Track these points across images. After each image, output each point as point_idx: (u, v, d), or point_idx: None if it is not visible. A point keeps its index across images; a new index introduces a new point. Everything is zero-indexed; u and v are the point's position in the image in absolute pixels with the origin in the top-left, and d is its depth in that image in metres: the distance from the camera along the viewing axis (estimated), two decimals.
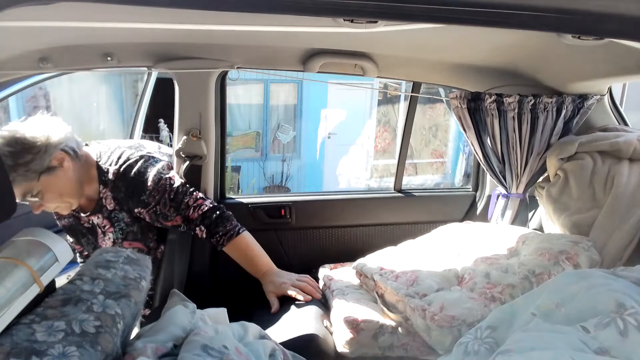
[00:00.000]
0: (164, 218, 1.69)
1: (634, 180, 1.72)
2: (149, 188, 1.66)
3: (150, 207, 1.67)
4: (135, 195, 1.66)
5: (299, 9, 0.79)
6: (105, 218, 1.71)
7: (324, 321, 1.63)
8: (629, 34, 0.88)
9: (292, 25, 1.52)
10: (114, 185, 1.65)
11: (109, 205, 1.68)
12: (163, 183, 1.68)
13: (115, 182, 1.64)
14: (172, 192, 1.69)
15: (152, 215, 1.68)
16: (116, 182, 1.64)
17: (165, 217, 1.69)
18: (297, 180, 8.53)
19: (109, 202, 1.68)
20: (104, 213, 1.70)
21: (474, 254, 1.80)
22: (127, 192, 1.65)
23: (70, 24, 1.40)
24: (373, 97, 8.73)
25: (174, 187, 1.71)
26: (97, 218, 1.72)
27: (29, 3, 0.72)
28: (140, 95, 3.01)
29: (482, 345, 1.06)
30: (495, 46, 1.83)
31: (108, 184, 1.65)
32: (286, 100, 8.38)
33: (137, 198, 1.66)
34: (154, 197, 1.66)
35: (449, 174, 8.97)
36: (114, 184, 1.64)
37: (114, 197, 1.67)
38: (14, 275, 0.88)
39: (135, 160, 1.68)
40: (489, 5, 0.74)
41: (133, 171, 1.65)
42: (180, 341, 1.04)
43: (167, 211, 1.69)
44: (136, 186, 1.65)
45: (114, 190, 1.65)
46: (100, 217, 1.71)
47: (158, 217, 1.69)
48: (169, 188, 1.69)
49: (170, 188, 1.70)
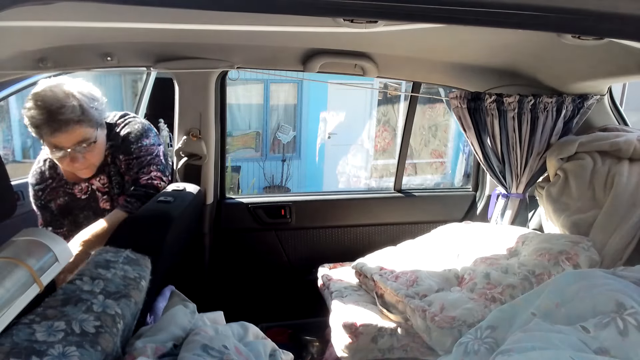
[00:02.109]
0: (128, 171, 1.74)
1: (634, 180, 1.72)
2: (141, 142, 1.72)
3: (131, 157, 1.71)
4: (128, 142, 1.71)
5: (299, 9, 0.79)
6: (107, 177, 1.74)
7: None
8: (629, 34, 0.88)
9: (292, 25, 1.52)
10: (115, 136, 1.70)
11: (109, 159, 1.73)
12: (152, 149, 1.75)
13: (118, 134, 1.71)
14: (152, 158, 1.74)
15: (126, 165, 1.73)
16: (119, 133, 1.71)
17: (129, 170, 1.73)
18: (297, 180, 8.52)
19: (110, 161, 1.73)
20: (106, 171, 1.74)
21: (473, 254, 1.80)
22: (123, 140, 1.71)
23: (70, 24, 1.40)
24: (373, 97, 8.73)
25: (158, 156, 1.77)
26: (99, 180, 1.74)
27: (29, 3, 0.72)
28: (139, 95, 3.01)
29: (482, 345, 1.06)
30: (495, 46, 1.83)
31: (112, 139, 1.70)
32: (286, 100, 8.37)
33: (128, 146, 1.71)
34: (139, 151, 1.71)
35: (448, 174, 8.97)
36: (116, 135, 1.70)
37: (111, 148, 1.71)
38: (14, 275, 0.88)
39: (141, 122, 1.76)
40: (489, 5, 0.74)
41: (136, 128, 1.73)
42: (180, 341, 1.04)
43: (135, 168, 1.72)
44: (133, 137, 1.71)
45: (113, 138, 1.71)
46: (102, 177, 1.74)
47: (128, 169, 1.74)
48: (155, 156, 1.75)
49: (155, 155, 1.75)
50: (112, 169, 1.74)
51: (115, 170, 1.74)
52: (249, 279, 2.32)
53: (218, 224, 2.20)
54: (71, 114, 1.47)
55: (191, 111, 1.97)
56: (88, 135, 1.55)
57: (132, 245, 1.29)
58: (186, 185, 1.90)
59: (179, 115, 1.99)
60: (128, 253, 1.21)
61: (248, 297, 2.31)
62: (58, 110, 1.45)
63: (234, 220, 2.24)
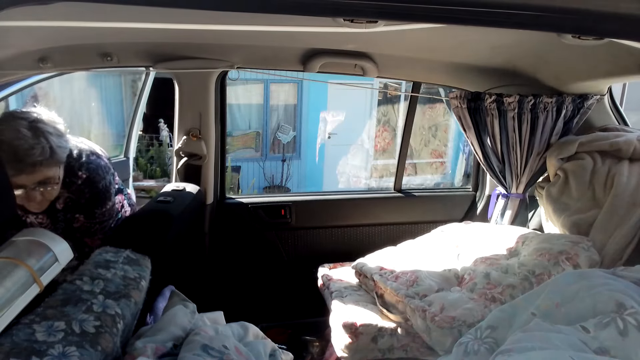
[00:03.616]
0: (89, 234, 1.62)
1: (634, 180, 1.72)
2: (107, 207, 1.61)
3: (91, 221, 1.60)
4: (92, 205, 1.59)
5: (299, 9, 0.79)
6: (48, 217, 1.59)
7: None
8: (629, 34, 0.88)
9: (292, 25, 1.52)
10: (77, 189, 1.55)
11: (59, 205, 1.57)
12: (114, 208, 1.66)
13: (79, 187, 1.55)
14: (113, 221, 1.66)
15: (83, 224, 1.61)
16: (81, 186, 1.55)
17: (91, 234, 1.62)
18: (297, 180, 8.52)
19: (60, 202, 1.57)
20: (49, 212, 1.57)
21: (473, 254, 1.80)
22: (87, 200, 1.57)
23: (70, 24, 1.40)
24: (373, 97, 8.72)
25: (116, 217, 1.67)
26: (37, 218, 1.58)
27: (29, 3, 0.72)
28: (138, 95, 3.01)
29: (482, 345, 1.06)
30: (495, 46, 1.83)
31: (70, 186, 1.55)
32: (286, 100, 8.37)
33: (91, 208, 1.59)
34: (102, 216, 1.61)
35: (448, 174, 8.97)
36: (78, 187, 1.55)
37: (70, 199, 1.57)
38: (14, 275, 0.88)
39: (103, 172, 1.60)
40: (489, 5, 0.74)
41: (101, 184, 1.58)
42: (180, 341, 1.04)
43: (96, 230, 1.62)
44: (98, 198, 1.58)
45: (74, 193, 1.56)
46: (42, 216, 1.58)
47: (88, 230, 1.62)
48: (115, 216, 1.66)
49: (115, 216, 1.66)
50: (60, 218, 1.59)
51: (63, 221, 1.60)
52: (249, 279, 2.32)
53: (218, 224, 2.20)
54: (39, 156, 1.33)
55: (191, 111, 1.97)
56: (51, 175, 1.42)
57: (132, 245, 1.29)
58: (186, 185, 1.90)
59: (178, 115, 1.99)
60: (128, 253, 1.21)
61: (248, 297, 2.31)
62: (26, 152, 1.30)
63: (234, 220, 2.24)
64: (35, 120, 1.37)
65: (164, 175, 6.64)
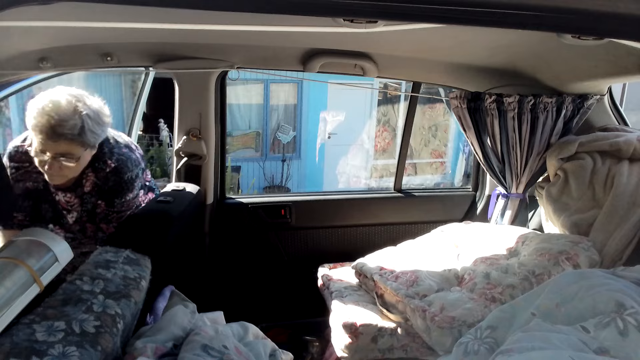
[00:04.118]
0: (106, 221, 1.74)
1: (634, 180, 1.72)
2: (127, 198, 1.72)
3: (112, 210, 1.72)
4: (113, 194, 1.70)
5: (299, 9, 0.79)
6: (76, 197, 1.73)
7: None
8: (629, 34, 0.88)
9: (292, 25, 1.52)
10: (104, 175, 1.69)
11: (87, 187, 1.70)
12: (134, 201, 1.76)
13: (107, 174, 1.68)
14: (130, 211, 1.76)
15: (103, 211, 1.74)
16: (108, 174, 1.68)
17: (108, 221, 1.74)
18: (297, 180, 8.52)
19: (87, 185, 1.70)
20: (77, 192, 1.72)
21: (473, 254, 1.80)
22: (110, 188, 1.70)
23: (70, 24, 1.40)
24: (373, 97, 8.73)
25: (136, 205, 1.78)
26: (66, 196, 1.73)
27: (29, 3, 0.72)
28: (138, 95, 3.01)
29: (482, 345, 1.06)
30: (495, 46, 1.83)
31: (99, 172, 1.68)
32: (286, 100, 8.37)
33: (112, 197, 1.70)
34: (120, 206, 1.72)
35: (448, 174, 8.97)
36: (105, 174, 1.68)
37: (96, 184, 1.70)
38: (14, 275, 0.88)
39: (132, 165, 1.72)
40: (489, 5, 0.74)
41: (127, 175, 1.70)
42: (180, 341, 1.04)
43: (113, 218, 1.74)
44: (120, 189, 1.70)
45: (101, 179, 1.69)
46: (70, 195, 1.72)
47: (106, 217, 1.74)
48: (134, 209, 1.76)
49: (134, 210, 1.77)
50: (87, 200, 1.73)
51: (90, 203, 1.73)
52: (249, 279, 2.32)
53: (218, 224, 2.20)
54: (68, 130, 1.47)
55: (191, 111, 1.97)
56: (73, 152, 1.54)
57: (132, 245, 1.29)
58: (186, 185, 1.91)
59: (178, 115, 1.99)
60: (128, 253, 1.21)
61: (248, 297, 2.31)
62: (58, 123, 1.46)
63: (234, 220, 2.24)
64: (79, 100, 1.52)
65: (164, 175, 6.64)
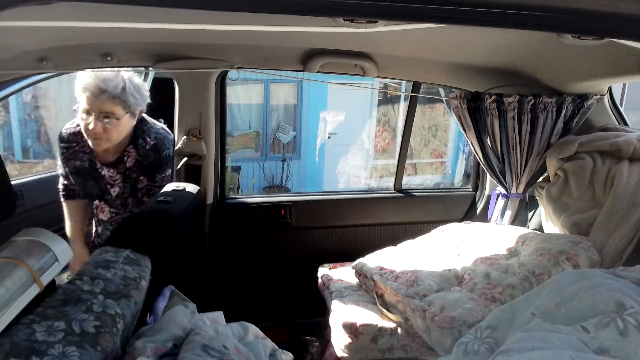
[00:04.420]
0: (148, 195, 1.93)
1: (634, 180, 1.72)
2: (166, 173, 1.92)
3: (152, 184, 1.91)
4: (154, 170, 1.89)
5: (299, 9, 0.79)
6: (119, 173, 1.90)
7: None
8: (629, 34, 0.88)
9: (292, 25, 1.52)
10: (144, 152, 1.87)
11: (129, 163, 1.88)
12: (168, 177, 1.95)
13: (147, 150, 1.87)
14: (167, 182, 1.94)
15: (145, 186, 1.92)
16: (148, 151, 1.87)
17: (150, 195, 1.91)
18: (297, 180, 8.52)
19: (130, 161, 1.87)
20: (120, 168, 1.89)
21: (473, 254, 1.80)
22: (151, 164, 1.88)
23: (70, 24, 1.40)
24: (373, 97, 8.73)
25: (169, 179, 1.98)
26: (110, 171, 1.89)
27: (29, 3, 0.72)
28: None
29: (482, 345, 1.06)
30: (495, 46, 1.83)
31: (139, 148, 1.86)
32: (286, 100, 8.37)
33: (153, 172, 1.89)
34: (161, 180, 1.91)
35: (448, 174, 8.97)
36: (145, 150, 1.87)
37: (137, 160, 1.87)
38: (14, 275, 0.88)
39: (169, 143, 1.93)
40: (489, 5, 0.74)
41: (165, 152, 1.90)
42: (180, 341, 1.04)
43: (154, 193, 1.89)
44: (160, 164, 1.90)
45: (142, 155, 1.87)
46: (114, 171, 1.89)
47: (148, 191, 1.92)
48: (165, 184, 1.91)
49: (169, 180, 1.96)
50: (129, 175, 1.90)
51: (132, 178, 1.91)
52: (249, 279, 2.32)
53: (218, 224, 2.20)
54: (112, 88, 1.67)
55: (191, 111, 1.97)
56: (115, 111, 1.71)
57: (132, 245, 1.28)
58: (186, 185, 1.90)
59: (179, 115, 1.99)
60: (128, 253, 1.21)
61: (248, 297, 2.31)
62: (103, 81, 1.67)
63: (234, 220, 2.24)
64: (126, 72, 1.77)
65: None
